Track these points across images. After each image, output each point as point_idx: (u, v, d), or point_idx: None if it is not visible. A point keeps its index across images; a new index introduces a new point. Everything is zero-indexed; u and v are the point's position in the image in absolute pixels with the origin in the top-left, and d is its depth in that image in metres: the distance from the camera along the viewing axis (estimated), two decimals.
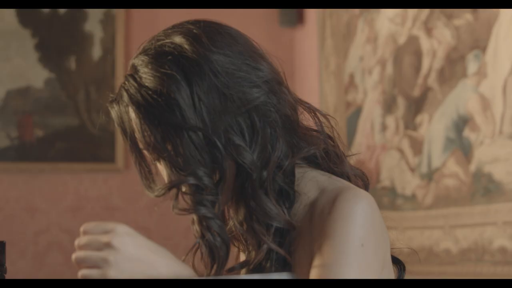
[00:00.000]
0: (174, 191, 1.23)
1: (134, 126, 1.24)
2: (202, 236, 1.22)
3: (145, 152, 1.27)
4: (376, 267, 1.17)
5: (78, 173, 3.97)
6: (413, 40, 3.31)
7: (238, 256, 1.39)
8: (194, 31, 1.24)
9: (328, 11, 3.96)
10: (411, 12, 3.30)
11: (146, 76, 1.22)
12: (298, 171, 1.26)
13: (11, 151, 3.90)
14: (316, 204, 1.21)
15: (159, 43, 1.25)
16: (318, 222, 1.19)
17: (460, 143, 2.97)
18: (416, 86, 3.27)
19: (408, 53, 3.34)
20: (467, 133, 2.94)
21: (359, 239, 1.14)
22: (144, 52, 1.26)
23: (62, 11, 4.03)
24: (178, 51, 1.22)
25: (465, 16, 2.98)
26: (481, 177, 2.85)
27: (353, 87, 3.76)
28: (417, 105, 3.25)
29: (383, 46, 3.52)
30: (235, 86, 1.21)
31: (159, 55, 1.23)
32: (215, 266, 1.21)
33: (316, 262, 1.15)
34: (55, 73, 3.99)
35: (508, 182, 2.71)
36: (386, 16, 3.49)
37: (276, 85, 1.26)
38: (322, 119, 1.32)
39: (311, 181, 1.25)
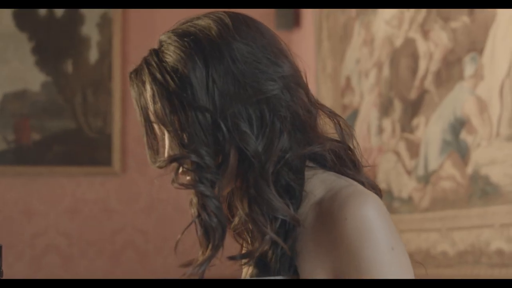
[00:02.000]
0: (175, 166, 1.25)
1: (148, 97, 1.28)
2: (198, 215, 1.23)
3: (155, 126, 1.30)
4: (409, 262, 1.20)
5: (75, 176, 3.97)
6: (409, 43, 3.31)
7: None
8: (223, 18, 1.28)
9: (324, 13, 3.96)
10: (408, 14, 3.31)
11: (168, 52, 1.27)
12: (308, 173, 1.27)
13: (8, 154, 3.90)
14: (322, 204, 1.22)
15: (188, 23, 1.29)
16: (331, 225, 1.19)
17: (457, 145, 2.97)
18: (413, 88, 3.27)
19: (404, 55, 3.34)
20: (464, 135, 2.94)
21: (387, 243, 1.16)
22: (173, 30, 1.31)
23: (59, 14, 4.03)
24: (203, 34, 1.26)
25: (461, 18, 2.98)
26: (478, 179, 2.85)
27: (350, 90, 3.76)
28: (413, 108, 3.26)
29: (379, 49, 3.52)
30: (251, 76, 1.24)
31: (184, 35, 1.27)
32: (210, 246, 1.23)
33: (353, 275, 1.16)
34: (52, 76, 3.99)
35: (505, 184, 2.71)
36: (383, 19, 3.50)
37: (293, 83, 1.28)
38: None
39: (319, 181, 1.26)
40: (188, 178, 1.25)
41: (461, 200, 2.94)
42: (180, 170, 1.25)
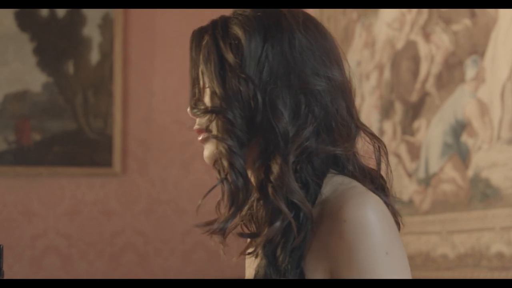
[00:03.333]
0: (208, 120, 1.30)
1: (203, 54, 1.33)
2: (225, 176, 1.26)
3: (201, 82, 1.35)
4: (405, 269, 1.20)
5: (75, 177, 3.97)
6: (411, 45, 3.31)
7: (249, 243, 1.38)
8: (297, 12, 1.37)
9: (325, 15, 3.96)
10: (409, 17, 3.31)
11: (235, 21, 1.33)
12: (329, 176, 1.29)
13: (9, 155, 3.89)
14: (327, 204, 1.23)
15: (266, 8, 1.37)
16: (331, 225, 1.20)
17: (457, 148, 2.97)
18: (414, 91, 3.27)
19: (406, 58, 3.34)
20: (464, 138, 2.94)
21: (382, 248, 1.17)
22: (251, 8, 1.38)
23: (60, 15, 4.03)
24: (273, 17, 1.33)
25: (463, 21, 2.98)
26: (479, 182, 2.85)
27: None
28: (414, 110, 3.26)
29: (380, 51, 3.52)
30: (300, 65, 1.29)
31: (256, 12, 1.34)
32: (232, 207, 1.25)
33: (346, 276, 1.17)
34: (53, 77, 3.99)
35: (506, 187, 2.71)
36: (384, 21, 3.50)
37: (335, 90, 1.32)
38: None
39: (330, 182, 1.28)
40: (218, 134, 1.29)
41: (462, 203, 2.94)
42: (213, 125, 1.29)
